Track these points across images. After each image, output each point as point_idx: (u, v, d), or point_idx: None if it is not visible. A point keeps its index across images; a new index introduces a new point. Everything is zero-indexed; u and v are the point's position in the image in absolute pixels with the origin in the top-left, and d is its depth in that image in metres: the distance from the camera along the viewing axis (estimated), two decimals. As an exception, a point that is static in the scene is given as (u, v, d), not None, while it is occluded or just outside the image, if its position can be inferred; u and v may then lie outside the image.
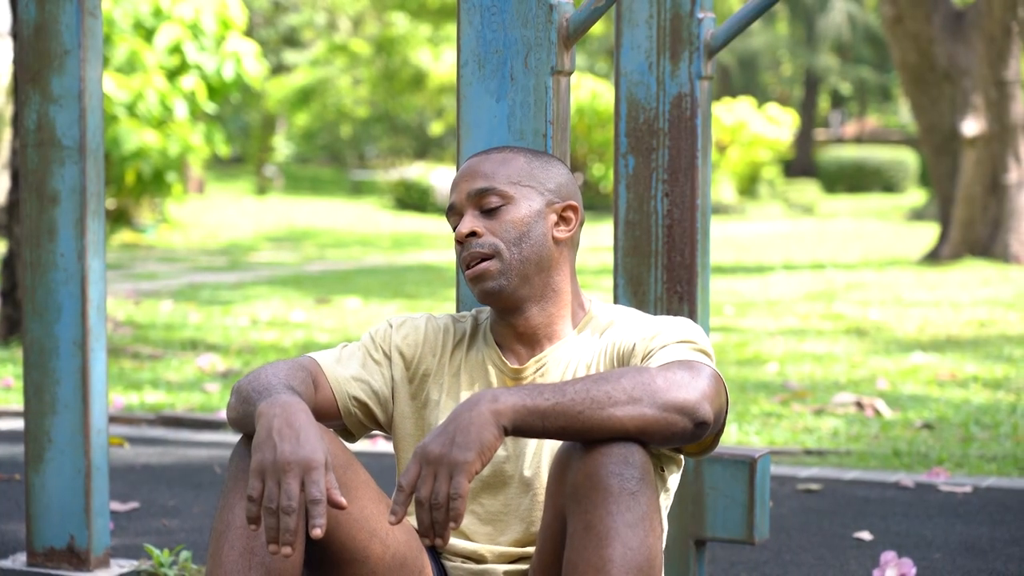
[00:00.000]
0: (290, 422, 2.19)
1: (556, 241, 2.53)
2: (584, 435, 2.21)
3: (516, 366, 2.52)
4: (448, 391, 2.55)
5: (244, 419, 2.34)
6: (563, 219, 2.55)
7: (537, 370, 2.51)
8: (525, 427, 2.19)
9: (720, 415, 2.31)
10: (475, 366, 2.55)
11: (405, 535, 2.44)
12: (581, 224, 2.57)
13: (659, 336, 2.41)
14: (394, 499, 2.16)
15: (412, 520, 2.55)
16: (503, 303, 2.50)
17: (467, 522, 2.50)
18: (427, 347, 2.58)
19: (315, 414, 2.48)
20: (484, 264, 2.47)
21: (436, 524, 2.15)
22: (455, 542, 2.51)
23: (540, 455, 2.47)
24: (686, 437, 2.25)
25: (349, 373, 2.53)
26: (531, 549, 2.48)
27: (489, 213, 2.50)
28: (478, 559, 2.50)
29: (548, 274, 2.52)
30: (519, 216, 2.49)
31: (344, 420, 2.55)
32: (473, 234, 2.49)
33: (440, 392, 2.55)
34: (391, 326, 2.60)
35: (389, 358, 2.57)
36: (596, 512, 2.19)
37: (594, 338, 2.53)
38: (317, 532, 2.11)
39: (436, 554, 2.54)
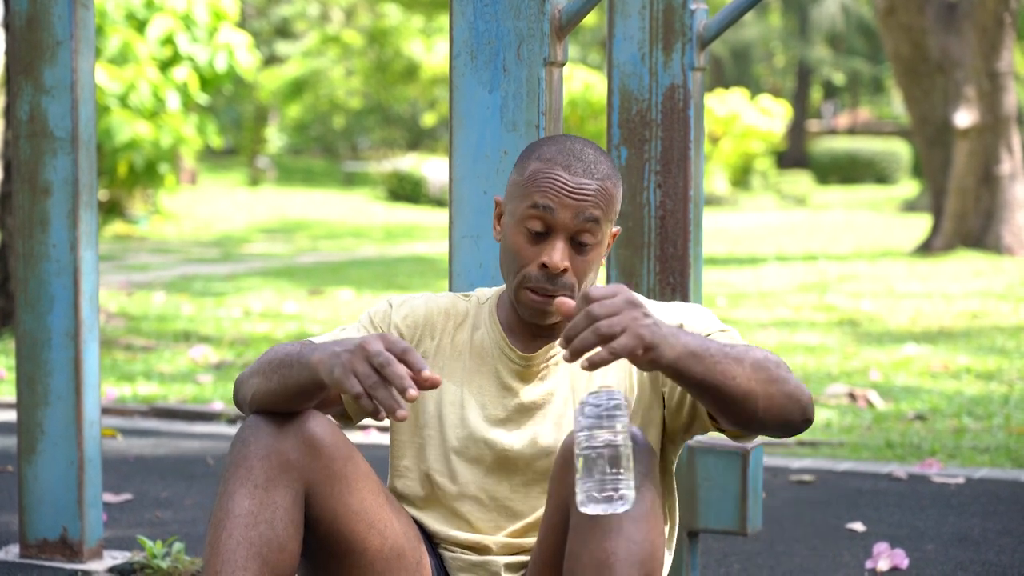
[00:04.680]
0: (345, 340, 2.22)
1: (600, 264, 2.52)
2: (724, 402, 2.20)
3: (525, 353, 2.49)
4: (449, 373, 2.52)
5: (275, 388, 2.31)
6: (607, 244, 2.52)
7: (549, 358, 2.49)
8: (689, 373, 2.17)
9: None
10: (480, 349, 2.52)
11: (403, 526, 2.44)
12: None
13: (697, 324, 2.41)
14: (576, 306, 2.14)
15: (410, 513, 2.55)
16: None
17: (470, 509, 2.49)
18: (426, 329, 2.54)
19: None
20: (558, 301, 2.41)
21: (587, 342, 2.11)
22: (458, 533, 2.50)
23: (560, 441, 2.45)
24: (789, 429, 2.27)
25: None
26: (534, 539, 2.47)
27: (580, 247, 2.42)
28: (481, 550, 2.49)
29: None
30: (597, 258, 2.45)
31: (344, 403, 2.52)
32: (565, 270, 2.42)
33: (440, 373, 2.53)
34: (391, 306, 2.57)
35: None
36: None
37: None
38: (412, 393, 2.11)
39: (434, 545, 2.53)
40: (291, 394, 2.30)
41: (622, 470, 2.12)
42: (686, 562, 3.44)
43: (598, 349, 2.12)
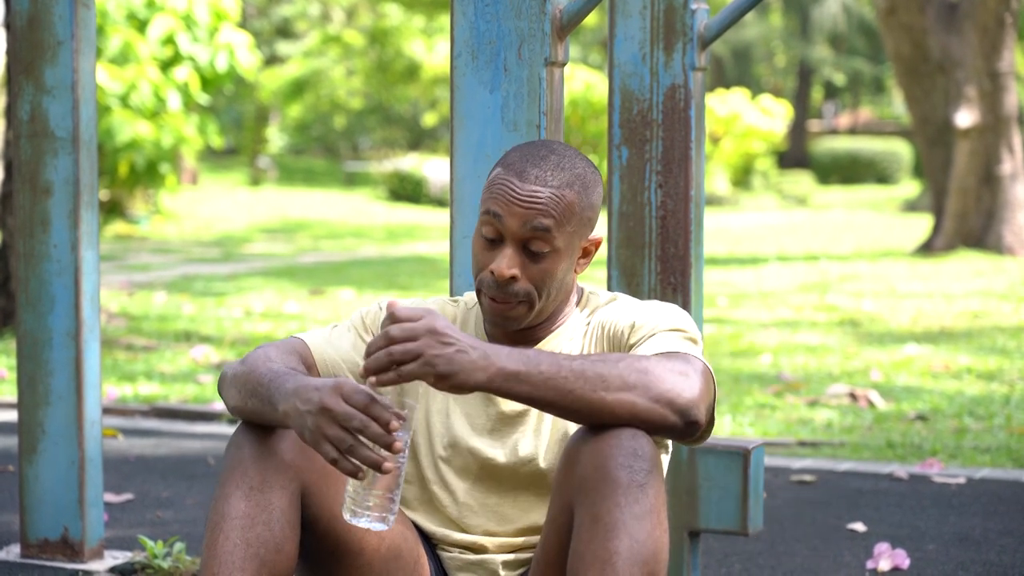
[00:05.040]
0: (304, 391, 2.21)
1: (575, 272, 2.50)
2: (573, 414, 2.22)
3: None
4: None
5: (252, 413, 2.33)
6: (585, 251, 2.50)
7: None
8: (512, 392, 2.19)
9: (710, 412, 2.31)
10: None
11: (400, 526, 2.44)
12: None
13: (650, 322, 2.39)
14: (382, 323, 2.19)
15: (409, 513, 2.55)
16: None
17: (463, 515, 2.50)
18: None
19: None
20: (512, 306, 2.42)
21: (380, 363, 2.15)
22: (454, 534, 2.50)
23: (539, 449, 2.46)
24: (674, 433, 2.25)
25: (339, 355, 2.52)
26: (534, 539, 2.47)
27: (533, 256, 2.41)
28: (477, 549, 2.49)
29: (561, 298, 2.50)
30: (559, 267, 2.42)
31: None
32: (512, 278, 2.41)
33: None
34: (381, 309, 2.56)
35: None
36: (604, 504, 2.19)
37: (582, 320, 2.52)
38: (394, 424, 2.13)
39: (432, 545, 2.54)
40: (265, 422, 2.32)
41: (392, 490, 2.19)
42: (687, 562, 3.44)
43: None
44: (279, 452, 2.32)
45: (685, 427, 2.24)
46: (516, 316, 2.42)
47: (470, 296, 2.62)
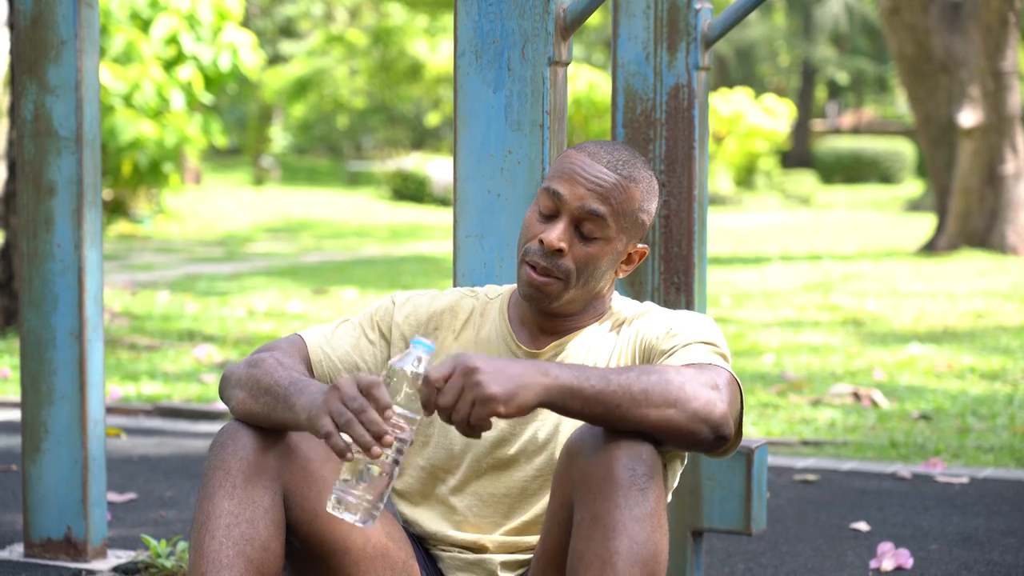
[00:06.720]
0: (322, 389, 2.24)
1: (615, 274, 2.52)
2: (615, 426, 2.23)
3: (532, 350, 2.50)
4: None
5: (259, 412, 2.33)
6: (630, 258, 2.52)
7: (555, 355, 2.50)
8: (564, 407, 2.20)
9: (737, 425, 2.34)
10: (487, 345, 2.53)
11: (386, 526, 2.44)
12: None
13: (684, 332, 2.41)
14: (424, 393, 2.19)
15: (405, 512, 2.55)
16: (543, 310, 2.49)
17: (469, 504, 2.50)
18: (428, 328, 2.55)
19: None
20: (549, 282, 2.43)
21: (465, 431, 2.18)
22: (455, 533, 2.50)
23: (558, 436, 2.46)
24: (704, 446, 2.27)
25: (336, 356, 2.52)
26: (533, 539, 2.47)
27: (583, 238, 2.44)
28: (477, 549, 2.49)
29: (594, 293, 2.51)
30: (603, 256, 2.45)
31: None
32: (559, 250, 2.43)
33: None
34: (394, 303, 2.57)
35: (387, 338, 2.54)
36: (605, 504, 2.19)
37: (614, 330, 2.52)
38: (389, 413, 2.15)
39: (427, 547, 2.53)
40: (274, 423, 2.34)
41: (377, 490, 2.19)
42: (690, 561, 3.44)
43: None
44: (260, 452, 2.34)
45: (714, 441, 2.27)
46: (550, 292, 2.43)
47: (490, 288, 2.62)
